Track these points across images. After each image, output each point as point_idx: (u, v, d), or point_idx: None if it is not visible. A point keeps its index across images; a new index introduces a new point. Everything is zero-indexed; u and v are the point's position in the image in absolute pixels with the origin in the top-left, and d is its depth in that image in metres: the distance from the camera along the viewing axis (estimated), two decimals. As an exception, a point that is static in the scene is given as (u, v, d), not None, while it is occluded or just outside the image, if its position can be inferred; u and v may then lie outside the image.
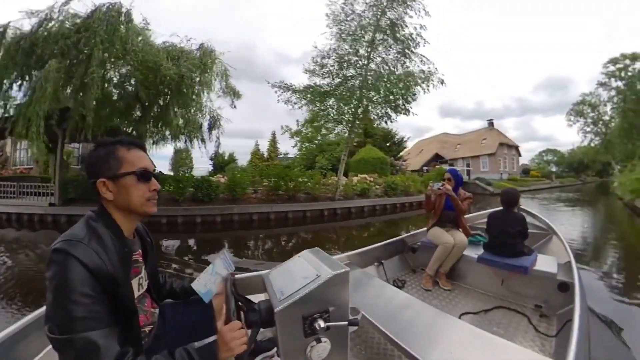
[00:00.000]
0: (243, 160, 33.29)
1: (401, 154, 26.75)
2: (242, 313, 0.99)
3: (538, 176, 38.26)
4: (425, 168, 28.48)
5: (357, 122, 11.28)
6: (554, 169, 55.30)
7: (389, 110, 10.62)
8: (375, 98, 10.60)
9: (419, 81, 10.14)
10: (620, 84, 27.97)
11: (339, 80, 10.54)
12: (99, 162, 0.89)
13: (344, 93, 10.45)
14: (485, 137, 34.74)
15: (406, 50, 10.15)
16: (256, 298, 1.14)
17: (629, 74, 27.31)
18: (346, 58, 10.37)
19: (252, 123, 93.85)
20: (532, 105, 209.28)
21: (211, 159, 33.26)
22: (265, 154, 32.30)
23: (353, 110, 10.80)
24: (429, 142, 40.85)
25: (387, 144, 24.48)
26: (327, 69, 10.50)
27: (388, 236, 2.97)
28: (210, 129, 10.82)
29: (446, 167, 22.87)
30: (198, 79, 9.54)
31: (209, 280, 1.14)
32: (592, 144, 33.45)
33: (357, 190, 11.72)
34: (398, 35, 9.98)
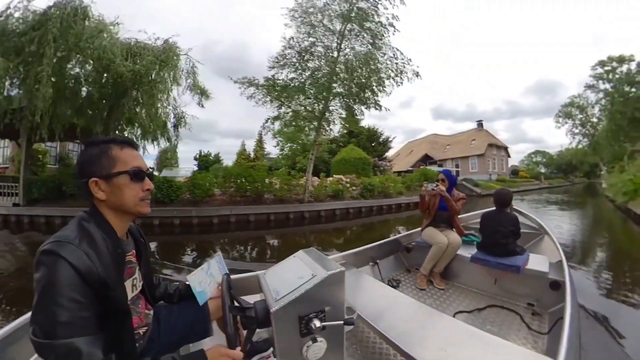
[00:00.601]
0: (232, 161, 32.95)
1: (387, 154, 26.49)
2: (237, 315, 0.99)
3: (527, 177, 38.41)
4: (411, 169, 28.45)
5: (340, 119, 10.91)
6: (542, 170, 56.06)
7: (358, 105, 10.28)
8: (342, 91, 10.13)
9: (392, 74, 9.76)
10: (608, 86, 28.26)
11: (307, 74, 10.01)
12: (91, 161, 0.87)
13: (309, 88, 9.97)
14: (475, 138, 34.78)
15: (376, 41, 9.64)
16: (252, 298, 1.13)
17: (617, 76, 27.55)
18: (309, 49, 9.83)
19: (248, 123, 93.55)
20: (522, 108, 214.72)
21: (196, 158, 33.03)
22: (252, 155, 32.00)
23: (321, 105, 10.31)
24: (419, 143, 40.87)
25: (372, 144, 24.25)
26: (291, 61, 9.97)
27: (359, 244, 2.89)
28: (175, 127, 10.65)
29: (431, 168, 22.77)
30: (158, 75, 9.33)
31: (204, 280, 1.14)
32: (580, 146, 33.80)
33: (329, 191, 11.18)
34: (366, 24, 9.46)
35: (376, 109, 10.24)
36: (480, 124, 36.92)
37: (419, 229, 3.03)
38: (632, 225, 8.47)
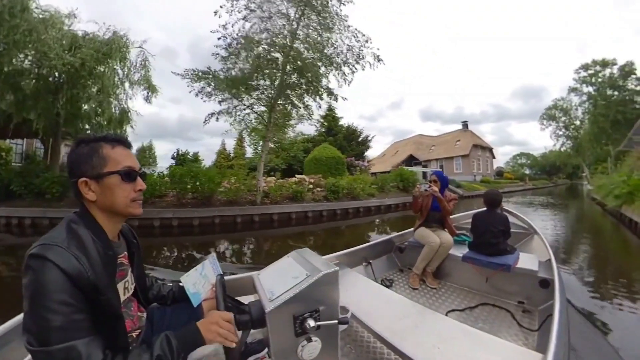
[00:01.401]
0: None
1: (366, 153, 25.39)
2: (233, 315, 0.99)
3: (512, 178, 38.45)
4: (391, 169, 27.93)
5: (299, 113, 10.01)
6: (527, 171, 57.24)
7: (313, 98, 9.28)
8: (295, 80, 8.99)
9: (350, 59, 8.77)
10: (591, 89, 28.62)
11: (247, 64, 8.78)
12: (81, 160, 0.84)
13: (249, 75, 8.71)
14: (459, 138, 34.52)
15: (327, 21, 8.48)
16: (246, 299, 1.14)
17: (599, 80, 27.84)
18: (249, 35, 8.51)
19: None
20: (508, 112, 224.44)
21: (173, 157, 32.04)
22: (232, 154, 30.86)
23: (271, 97, 9.18)
24: (405, 144, 40.66)
25: (351, 143, 22.98)
26: (234, 51, 8.70)
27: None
28: (120, 122, 10.01)
29: (411, 169, 21.99)
30: (108, 68, 8.87)
31: (198, 281, 1.13)
32: (564, 148, 34.44)
33: (288, 193, 9.91)
34: (315, 3, 8.33)
35: (330, 97, 9.24)
36: (465, 124, 36.62)
37: (412, 229, 3.06)
38: (626, 232, 7.57)
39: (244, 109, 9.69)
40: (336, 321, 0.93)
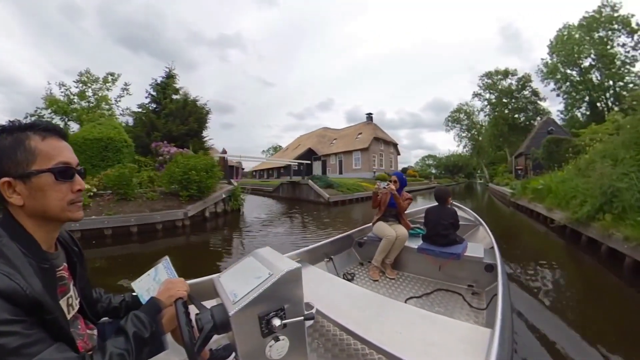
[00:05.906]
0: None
1: (206, 137, 16.40)
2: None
3: (416, 176, 36.92)
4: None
5: None
6: (433, 171, 63.34)
7: None
8: None
9: None
10: (492, 96, 31.83)
11: None
12: (2, 155, 0.67)
13: None
14: (361, 131, 31.08)
15: None
16: (208, 304, 1.06)
17: (499, 88, 31.04)
18: None
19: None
20: (422, 121, 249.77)
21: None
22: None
23: None
24: (307, 137, 37.04)
25: (180, 120, 13.56)
26: None
27: None
28: None
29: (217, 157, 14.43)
30: None
31: (151, 287, 1.04)
32: (466, 149, 38.27)
33: None
34: None
35: None
36: (369, 117, 33.49)
37: (370, 224, 3.23)
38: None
39: None
40: (302, 318, 0.94)
